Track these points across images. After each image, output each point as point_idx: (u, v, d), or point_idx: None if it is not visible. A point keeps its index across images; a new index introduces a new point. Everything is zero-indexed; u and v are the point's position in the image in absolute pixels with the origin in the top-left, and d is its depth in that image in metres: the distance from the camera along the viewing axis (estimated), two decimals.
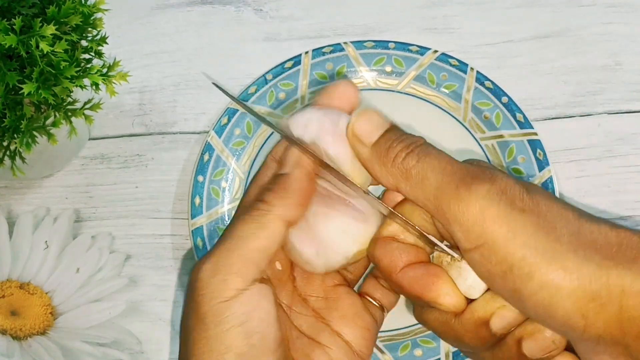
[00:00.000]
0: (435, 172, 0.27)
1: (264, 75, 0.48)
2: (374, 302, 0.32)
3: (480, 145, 0.46)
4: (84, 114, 0.40)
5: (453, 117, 0.46)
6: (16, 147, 0.38)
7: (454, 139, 0.45)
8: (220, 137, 0.46)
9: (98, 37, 0.39)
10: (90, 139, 0.48)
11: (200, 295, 0.26)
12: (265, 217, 0.28)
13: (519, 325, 0.27)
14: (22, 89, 0.35)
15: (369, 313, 0.31)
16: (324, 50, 0.48)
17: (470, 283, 0.28)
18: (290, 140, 0.30)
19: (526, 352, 0.27)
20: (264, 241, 0.27)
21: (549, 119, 0.48)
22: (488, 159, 0.45)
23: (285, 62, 0.48)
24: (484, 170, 0.27)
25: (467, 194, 0.26)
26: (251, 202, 0.29)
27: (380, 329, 0.42)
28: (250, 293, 0.27)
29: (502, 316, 0.27)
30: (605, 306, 0.24)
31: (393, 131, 0.29)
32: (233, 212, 0.45)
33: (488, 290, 0.28)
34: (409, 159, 0.28)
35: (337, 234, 0.30)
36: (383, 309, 0.32)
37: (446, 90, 0.47)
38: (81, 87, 0.37)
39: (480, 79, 0.47)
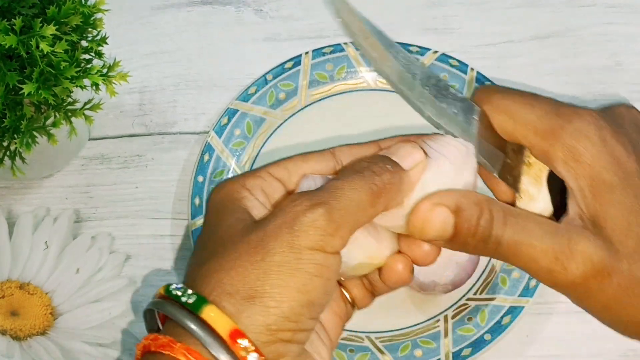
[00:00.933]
0: (522, 258, 0.27)
1: (264, 75, 0.48)
2: (348, 297, 0.31)
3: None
4: (84, 114, 0.40)
5: None
6: (16, 147, 0.38)
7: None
8: (220, 137, 0.46)
9: (98, 37, 0.39)
10: (90, 139, 0.48)
11: (305, 229, 0.26)
12: (378, 197, 0.27)
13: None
14: (22, 89, 0.35)
15: (344, 303, 0.31)
16: (324, 50, 0.48)
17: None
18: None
19: None
20: (367, 219, 0.28)
21: None
22: None
23: (285, 62, 0.48)
24: (568, 244, 0.27)
25: (562, 279, 0.27)
26: (361, 167, 0.28)
27: (381, 330, 0.42)
28: (338, 259, 0.27)
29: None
30: None
31: (460, 222, 0.28)
32: None
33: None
34: (489, 248, 0.28)
35: (350, 246, 0.29)
36: (353, 306, 0.32)
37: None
38: (81, 87, 0.37)
39: (480, 79, 0.47)
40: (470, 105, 0.31)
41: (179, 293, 0.25)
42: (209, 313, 0.24)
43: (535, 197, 0.31)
